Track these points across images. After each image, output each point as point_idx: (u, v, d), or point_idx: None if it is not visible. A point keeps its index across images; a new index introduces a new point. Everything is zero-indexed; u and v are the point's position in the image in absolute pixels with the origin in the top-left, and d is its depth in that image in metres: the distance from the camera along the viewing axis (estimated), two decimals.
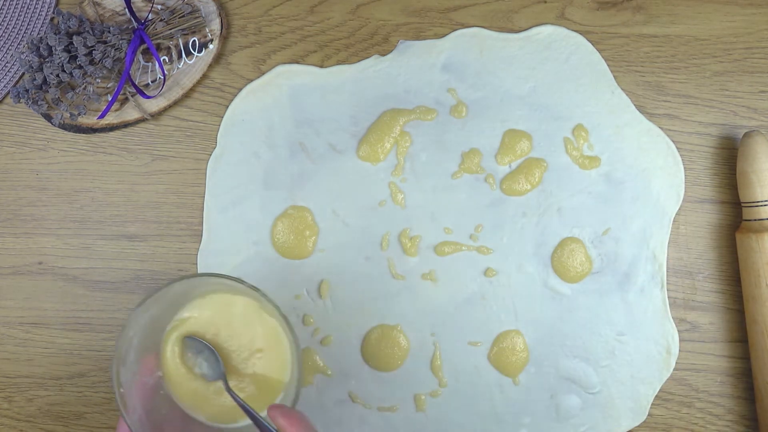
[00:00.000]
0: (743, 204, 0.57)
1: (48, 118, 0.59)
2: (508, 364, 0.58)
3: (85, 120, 0.59)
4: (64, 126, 0.60)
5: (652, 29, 0.60)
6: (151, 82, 0.60)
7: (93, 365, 0.60)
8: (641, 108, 0.59)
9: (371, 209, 0.59)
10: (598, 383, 0.58)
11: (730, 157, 0.59)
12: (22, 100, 0.58)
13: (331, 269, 0.59)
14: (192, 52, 0.59)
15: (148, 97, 0.59)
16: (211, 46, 0.59)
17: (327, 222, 0.59)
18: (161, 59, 0.59)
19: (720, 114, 0.59)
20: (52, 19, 0.60)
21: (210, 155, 0.59)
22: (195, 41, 0.59)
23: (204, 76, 0.60)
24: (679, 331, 0.58)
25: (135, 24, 0.58)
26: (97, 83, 0.59)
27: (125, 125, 0.60)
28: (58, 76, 0.57)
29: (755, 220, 0.55)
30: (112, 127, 0.60)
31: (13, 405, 0.60)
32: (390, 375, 0.58)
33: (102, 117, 0.59)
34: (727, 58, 0.59)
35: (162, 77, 0.59)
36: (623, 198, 0.58)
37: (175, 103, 0.60)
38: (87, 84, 0.59)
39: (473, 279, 0.58)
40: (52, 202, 0.60)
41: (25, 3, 0.60)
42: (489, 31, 0.59)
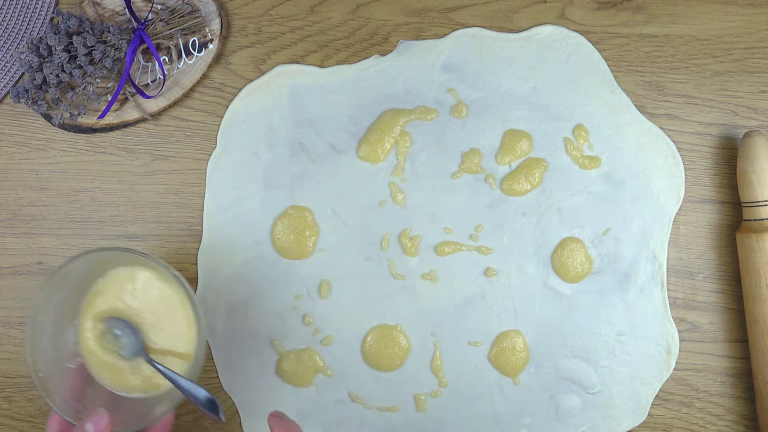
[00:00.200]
0: (743, 204, 0.57)
1: (48, 118, 0.59)
2: (508, 364, 0.58)
3: (85, 120, 0.59)
4: (64, 126, 0.60)
5: (652, 29, 0.60)
6: (151, 82, 0.60)
7: None
8: (641, 108, 0.59)
9: (371, 209, 0.59)
10: (598, 383, 0.58)
11: (730, 157, 0.59)
12: (22, 100, 0.58)
13: (331, 269, 0.59)
14: (192, 52, 0.59)
15: (148, 97, 0.59)
16: (211, 46, 0.59)
17: (327, 222, 0.59)
18: (161, 59, 0.59)
19: (720, 114, 0.59)
20: (52, 19, 0.60)
21: (210, 155, 0.59)
22: (195, 41, 0.59)
23: (204, 76, 0.60)
24: (679, 331, 0.58)
25: (135, 24, 0.58)
26: (97, 83, 0.59)
27: (125, 125, 0.60)
28: (57, 76, 0.57)
29: (755, 220, 0.55)
30: (112, 127, 0.60)
31: (13, 405, 0.60)
32: (390, 375, 0.58)
33: (102, 117, 0.59)
34: (727, 58, 0.59)
35: (162, 77, 0.59)
36: (623, 198, 0.58)
37: (175, 103, 0.60)
38: (87, 84, 0.59)
39: (473, 279, 0.58)
40: (52, 202, 0.60)
41: (25, 3, 0.60)
42: (489, 31, 0.59)
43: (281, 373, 0.58)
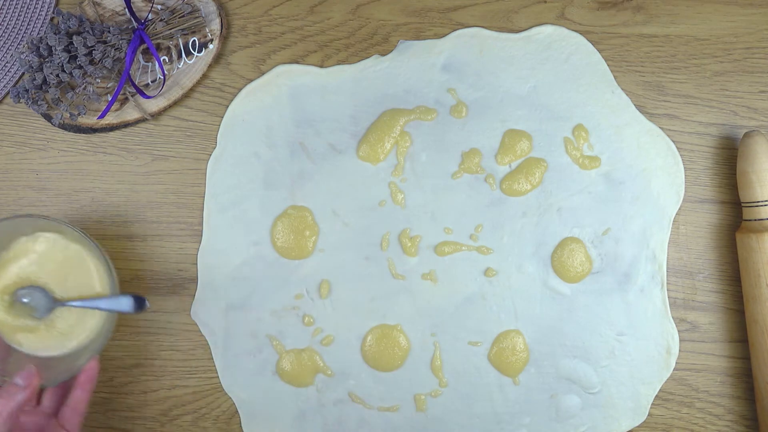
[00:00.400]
0: (743, 204, 0.57)
1: (48, 118, 0.59)
2: (508, 364, 0.58)
3: (85, 120, 0.59)
4: (64, 126, 0.60)
5: (652, 29, 0.60)
6: (151, 82, 0.60)
7: None
8: (641, 108, 0.59)
9: (371, 209, 0.59)
10: (598, 383, 0.58)
11: (730, 157, 0.59)
12: (22, 100, 0.58)
13: (331, 269, 0.59)
14: (192, 52, 0.59)
15: (148, 97, 0.59)
16: (211, 46, 0.59)
17: (327, 222, 0.59)
18: (161, 59, 0.59)
19: (720, 114, 0.59)
20: (52, 19, 0.60)
21: (210, 155, 0.59)
22: (195, 41, 0.59)
23: (204, 76, 0.60)
24: (679, 331, 0.58)
25: (135, 24, 0.58)
26: (97, 83, 0.59)
27: (125, 125, 0.60)
28: (58, 76, 0.57)
29: (755, 220, 0.55)
30: (112, 127, 0.60)
31: None
32: (390, 375, 0.58)
33: (102, 117, 0.59)
34: (727, 58, 0.59)
35: (162, 77, 0.59)
36: (623, 198, 0.58)
37: (175, 103, 0.60)
38: (87, 84, 0.59)
39: (473, 279, 0.58)
40: (52, 202, 0.60)
41: (25, 3, 0.60)
42: (489, 31, 0.59)
43: (281, 373, 0.58)
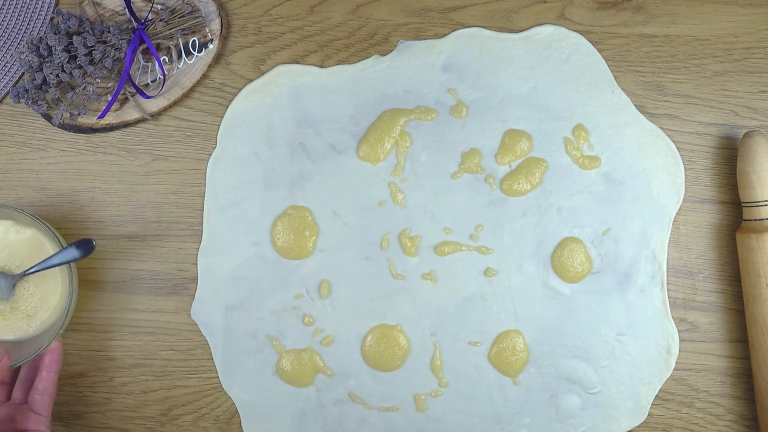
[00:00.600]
0: (743, 204, 0.57)
1: (48, 118, 0.59)
2: (508, 364, 0.58)
3: (85, 120, 0.59)
4: (64, 126, 0.60)
5: (652, 29, 0.60)
6: (151, 82, 0.60)
7: (92, 365, 0.60)
8: (641, 108, 0.59)
9: (371, 209, 0.59)
10: (598, 383, 0.58)
11: (730, 157, 0.59)
12: (22, 100, 0.58)
13: (331, 269, 0.59)
14: (192, 52, 0.59)
15: (148, 97, 0.59)
16: (211, 46, 0.59)
17: (327, 222, 0.59)
18: (161, 59, 0.59)
19: (720, 114, 0.59)
20: (52, 19, 0.60)
21: (210, 155, 0.59)
22: (195, 41, 0.59)
23: (204, 76, 0.60)
24: (679, 331, 0.58)
25: (135, 24, 0.58)
26: (97, 83, 0.59)
27: (125, 125, 0.60)
28: (57, 76, 0.57)
29: (755, 220, 0.55)
30: (112, 127, 0.60)
31: None
32: (390, 375, 0.58)
33: (102, 117, 0.59)
34: (727, 58, 0.59)
35: (162, 77, 0.59)
36: (623, 198, 0.58)
37: (175, 103, 0.60)
38: (87, 84, 0.59)
39: (473, 279, 0.58)
40: (52, 202, 0.60)
41: (25, 3, 0.60)
42: (489, 31, 0.59)
43: (281, 373, 0.58)
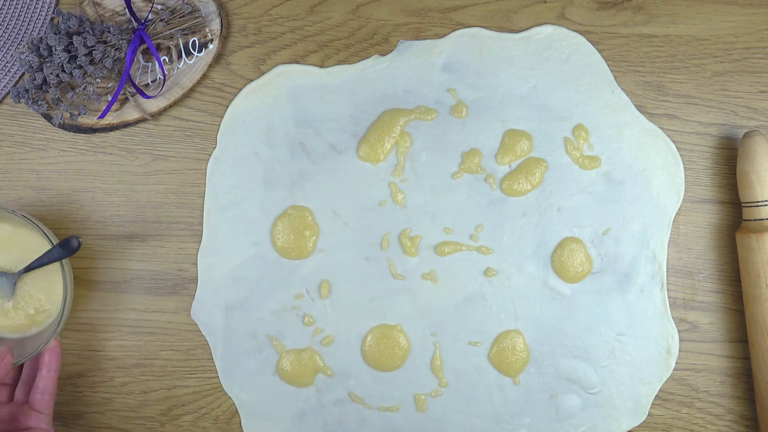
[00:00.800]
0: (743, 204, 0.57)
1: (48, 118, 0.59)
2: (508, 364, 0.58)
3: (85, 120, 0.59)
4: (64, 126, 0.60)
5: (652, 29, 0.60)
6: (151, 82, 0.60)
7: (93, 365, 0.60)
8: (641, 108, 0.59)
9: (371, 209, 0.59)
10: (598, 383, 0.58)
11: (730, 157, 0.59)
12: (22, 100, 0.58)
13: (331, 269, 0.59)
14: (192, 52, 0.59)
15: (148, 97, 0.59)
16: (211, 46, 0.59)
17: (327, 222, 0.59)
18: (161, 59, 0.59)
19: (720, 114, 0.59)
20: (52, 19, 0.60)
21: (210, 155, 0.59)
22: (195, 41, 0.59)
23: (204, 76, 0.60)
24: (679, 331, 0.58)
25: (135, 24, 0.58)
26: (97, 83, 0.59)
27: (125, 125, 0.60)
28: (58, 76, 0.57)
29: (755, 220, 0.55)
30: (112, 127, 0.60)
31: None
32: (390, 375, 0.58)
33: (102, 117, 0.59)
34: (727, 58, 0.59)
35: (162, 77, 0.59)
36: (623, 198, 0.58)
37: (175, 103, 0.60)
38: (87, 84, 0.59)
39: (473, 279, 0.58)
40: (52, 202, 0.60)
41: (25, 3, 0.60)
42: (489, 31, 0.59)
43: (281, 373, 0.58)
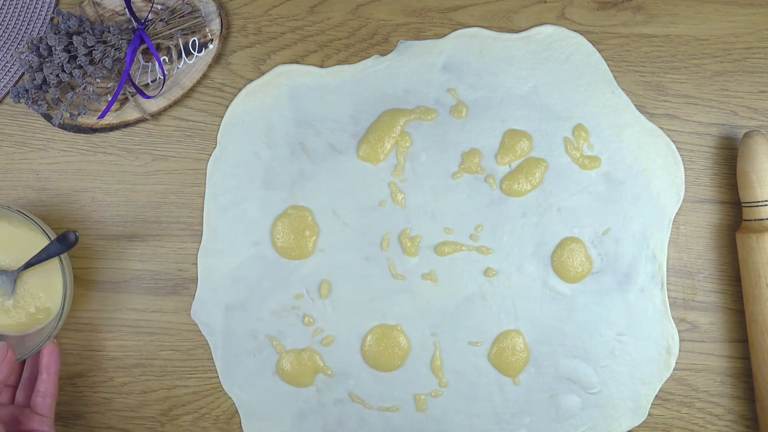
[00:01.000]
0: (743, 204, 0.57)
1: (48, 118, 0.59)
2: (508, 364, 0.58)
3: (85, 120, 0.59)
4: (64, 126, 0.60)
5: (652, 29, 0.60)
6: (151, 82, 0.60)
7: (93, 365, 0.60)
8: (641, 108, 0.59)
9: (371, 209, 0.59)
10: (598, 383, 0.58)
11: (730, 157, 0.59)
12: (22, 100, 0.58)
13: (331, 269, 0.59)
14: (192, 52, 0.59)
15: (148, 97, 0.59)
16: (211, 46, 0.59)
17: (327, 222, 0.59)
18: (161, 59, 0.59)
19: (720, 114, 0.59)
20: (52, 19, 0.60)
21: (210, 155, 0.59)
22: (195, 41, 0.59)
23: (204, 76, 0.60)
24: (679, 331, 0.58)
25: (135, 24, 0.58)
26: (97, 83, 0.59)
27: (125, 125, 0.60)
28: (58, 76, 0.57)
29: (755, 220, 0.55)
30: (112, 127, 0.60)
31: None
32: (390, 375, 0.58)
33: (102, 117, 0.59)
34: (727, 58, 0.59)
35: (162, 77, 0.59)
36: (623, 198, 0.58)
37: (175, 103, 0.60)
38: (87, 84, 0.59)
39: (473, 279, 0.58)
40: (52, 202, 0.60)
41: (25, 3, 0.60)
42: (489, 31, 0.59)
43: (281, 373, 0.58)
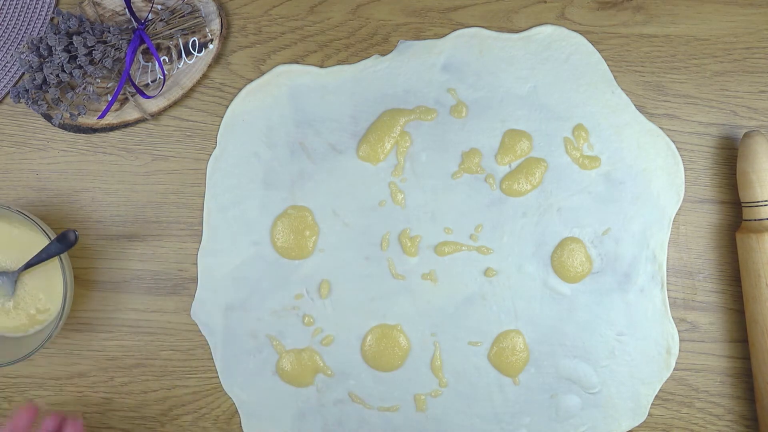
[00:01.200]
0: (743, 204, 0.57)
1: (48, 118, 0.59)
2: (508, 364, 0.58)
3: (85, 120, 0.59)
4: (64, 126, 0.60)
5: (652, 29, 0.60)
6: (151, 82, 0.60)
7: (93, 365, 0.60)
8: (641, 108, 0.59)
9: (371, 209, 0.59)
10: (598, 383, 0.58)
11: (730, 157, 0.59)
12: (22, 100, 0.58)
13: (331, 269, 0.59)
14: (192, 52, 0.59)
15: (148, 97, 0.59)
16: (211, 46, 0.59)
17: (327, 222, 0.59)
18: (161, 59, 0.59)
19: (720, 114, 0.59)
20: (52, 19, 0.60)
21: (210, 155, 0.59)
22: (195, 41, 0.59)
23: (204, 76, 0.60)
24: (679, 331, 0.58)
25: (135, 24, 0.58)
26: (97, 83, 0.59)
27: (125, 125, 0.60)
28: (58, 76, 0.57)
29: (755, 220, 0.55)
30: (112, 127, 0.60)
31: (14, 405, 0.60)
32: (390, 375, 0.58)
33: (102, 117, 0.59)
34: (727, 58, 0.59)
35: (162, 77, 0.59)
36: (623, 198, 0.58)
37: (175, 103, 0.60)
38: (87, 84, 0.59)
39: (473, 279, 0.58)
40: (52, 202, 0.60)
41: (25, 3, 0.60)
42: (489, 31, 0.59)
43: (281, 373, 0.58)
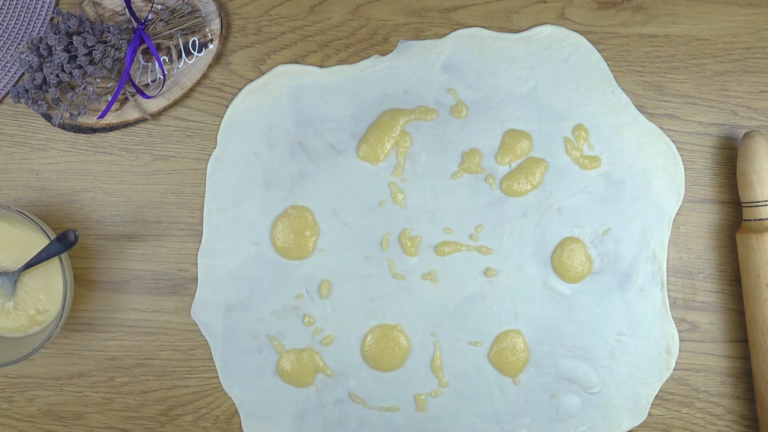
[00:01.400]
0: (743, 204, 0.57)
1: (48, 118, 0.59)
2: (508, 364, 0.58)
3: (85, 120, 0.59)
4: (64, 126, 0.60)
5: (652, 29, 0.60)
6: (151, 82, 0.60)
7: (93, 365, 0.60)
8: (641, 108, 0.59)
9: (371, 209, 0.59)
10: (598, 383, 0.58)
11: (730, 157, 0.59)
12: (22, 100, 0.58)
13: (331, 269, 0.59)
14: (192, 52, 0.59)
15: (148, 97, 0.59)
16: (211, 46, 0.59)
17: (327, 222, 0.59)
18: (161, 59, 0.59)
19: (720, 114, 0.59)
20: (52, 19, 0.60)
21: (210, 155, 0.59)
22: (195, 41, 0.59)
23: (204, 76, 0.60)
24: (679, 331, 0.58)
25: (135, 24, 0.58)
26: (97, 83, 0.59)
27: (125, 125, 0.60)
28: (58, 76, 0.57)
29: (755, 220, 0.55)
30: (112, 127, 0.60)
31: (13, 405, 0.60)
32: (390, 375, 0.58)
33: (102, 117, 0.59)
34: (727, 58, 0.59)
35: (162, 77, 0.59)
36: (623, 198, 0.58)
37: (175, 103, 0.60)
38: (87, 84, 0.59)
39: (473, 279, 0.58)
40: (52, 202, 0.60)
41: (25, 3, 0.60)
42: (489, 31, 0.59)
43: (281, 373, 0.58)
